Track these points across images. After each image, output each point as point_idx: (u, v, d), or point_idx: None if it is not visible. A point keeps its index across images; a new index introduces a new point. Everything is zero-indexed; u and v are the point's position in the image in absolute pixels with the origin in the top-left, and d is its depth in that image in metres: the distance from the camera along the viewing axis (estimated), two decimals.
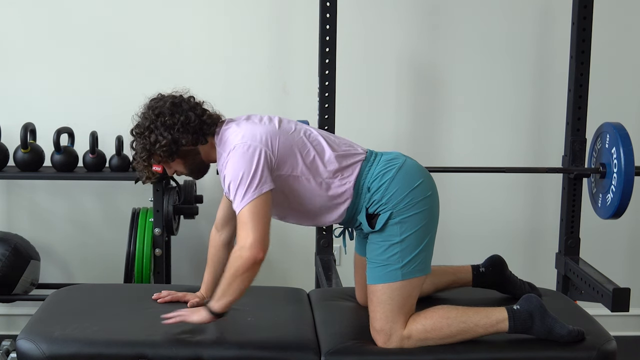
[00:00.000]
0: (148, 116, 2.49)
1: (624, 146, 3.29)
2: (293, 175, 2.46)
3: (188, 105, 2.50)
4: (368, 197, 2.47)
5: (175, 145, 2.47)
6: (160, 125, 2.46)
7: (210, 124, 2.51)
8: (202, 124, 2.49)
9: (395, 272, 2.43)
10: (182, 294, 2.70)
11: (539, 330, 2.43)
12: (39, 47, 3.90)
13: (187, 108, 2.49)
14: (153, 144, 2.46)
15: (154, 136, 2.46)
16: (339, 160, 2.49)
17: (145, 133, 2.48)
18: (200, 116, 2.50)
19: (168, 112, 2.47)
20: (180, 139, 2.46)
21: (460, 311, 2.46)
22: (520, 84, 4.06)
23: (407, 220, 2.44)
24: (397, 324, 2.42)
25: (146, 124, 2.48)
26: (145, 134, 2.48)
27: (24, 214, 4.01)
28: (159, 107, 2.49)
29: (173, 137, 2.46)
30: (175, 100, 2.51)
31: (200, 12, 3.94)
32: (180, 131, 2.46)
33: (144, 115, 2.51)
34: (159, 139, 2.45)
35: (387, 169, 2.47)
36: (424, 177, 2.50)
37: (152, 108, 2.50)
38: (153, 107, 2.50)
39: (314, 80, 3.57)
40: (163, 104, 2.49)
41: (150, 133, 2.47)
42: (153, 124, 2.47)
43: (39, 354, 2.34)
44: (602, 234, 4.09)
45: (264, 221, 2.36)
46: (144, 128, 2.48)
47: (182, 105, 2.49)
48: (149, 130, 2.47)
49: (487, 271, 2.77)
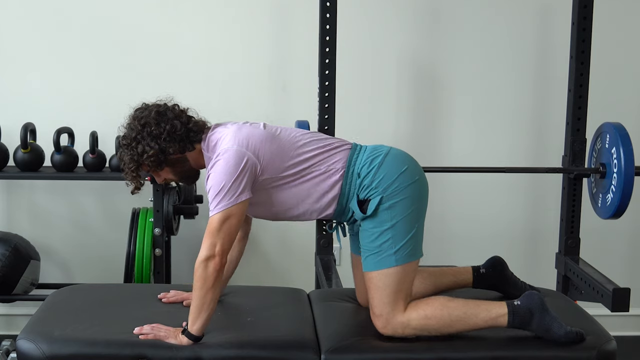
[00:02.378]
0: (134, 127, 2.50)
1: (624, 146, 3.29)
2: (280, 176, 2.48)
3: (173, 114, 2.52)
4: (358, 182, 2.50)
5: (163, 155, 2.49)
6: (146, 136, 2.48)
7: (196, 131, 2.53)
8: (188, 132, 2.51)
9: (389, 258, 2.46)
10: (188, 294, 2.69)
11: (537, 327, 2.44)
12: (39, 47, 3.90)
13: (172, 117, 2.50)
14: (141, 155, 2.48)
15: (141, 147, 2.48)
16: (325, 152, 2.53)
17: (132, 144, 2.49)
18: (186, 124, 2.51)
19: (154, 122, 2.48)
20: (167, 148, 2.48)
21: (461, 302, 2.48)
22: (520, 84, 4.06)
23: (397, 205, 2.47)
24: (395, 309, 2.45)
25: (132, 135, 2.49)
26: (132, 145, 2.49)
27: (24, 214, 4.01)
28: (144, 117, 2.50)
29: (160, 146, 2.47)
30: (160, 109, 2.52)
31: (200, 12, 3.94)
32: (167, 140, 2.47)
33: (129, 125, 2.52)
34: (146, 149, 2.47)
35: (375, 155, 2.52)
36: (409, 163, 2.55)
37: (137, 118, 2.51)
38: (138, 117, 2.51)
39: (314, 80, 3.57)
40: (148, 114, 2.50)
41: (137, 144, 2.48)
42: (140, 135, 2.48)
43: (39, 354, 2.34)
44: (602, 234, 4.08)
45: (232, 231, 2.39)
46: (130, 139, 2.49)
47: (167, 114, 2.51)
48: (135, 140, 2.48)
49: (488, 272, 2.78)
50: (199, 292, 2.37)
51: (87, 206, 4.03)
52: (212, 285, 2.36)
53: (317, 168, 2.51)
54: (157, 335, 2.40)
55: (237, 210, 2.39)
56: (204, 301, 2.37)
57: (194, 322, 2.38)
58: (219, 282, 2.39)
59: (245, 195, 2.40)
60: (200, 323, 2.38)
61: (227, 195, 2.37)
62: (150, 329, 2.42)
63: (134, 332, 2.41)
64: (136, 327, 2.42)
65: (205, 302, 2.37)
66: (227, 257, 2.42)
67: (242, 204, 2.40)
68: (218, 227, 2.37)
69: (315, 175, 2.50)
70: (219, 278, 2.37)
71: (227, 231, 2.38)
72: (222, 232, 2.37)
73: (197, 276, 2.37)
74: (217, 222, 2.37)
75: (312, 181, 2.51)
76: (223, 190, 2.37)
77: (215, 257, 2.36)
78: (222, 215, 2.37)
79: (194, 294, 2.39)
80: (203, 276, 2.36)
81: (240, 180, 2.39)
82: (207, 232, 2.38)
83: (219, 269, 2.36)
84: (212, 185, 2.40)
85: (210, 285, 2.36)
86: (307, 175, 2.50)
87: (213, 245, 2.36)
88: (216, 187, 2.38)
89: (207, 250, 2.36)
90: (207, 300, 2.37)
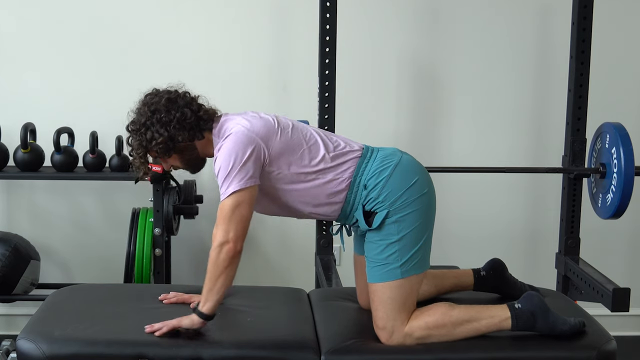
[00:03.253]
0: (144, 112, 2.47)
1: (624, 146, 3.29)
2: (285, 172, 2.45)
3: (184, 101, 2.49)
4: (364, 194, 2.46)
5: (172, 142, 2.46)
6: (156, 122, 2.45)
7: (206, 119, 2.50)
8: (198, 120, 2.48)
9: (394, 271, 2.43)
10: (189, 296, 2.69)
11: (542, 327, 2.44)
12: (39, 47, 3.90)
13: (182, 104, 2.48)
14: (149, 141, 2.45)
15: (150, 133, 2.45)
16: (334, 158, 2.48)
17: (141, 130, 2.46)
18: (197, 112, 2.48)
19: (164, 109, 2.45)
20: (176, 135, 2.45)
21: (463, 309, 2.47)
22: (520, 84, 4.06)
23: (404, 219, 2.44)
24: (398, 321, 2.43)
25: (142, 121, 2.46)
26: (141, 131, 2.46)
27: (24, 214, 4.01)
28: (155, 103, 2.47)
29: (169, 134, 2.44)
30: (171, 96, 2.49)
31: (200, 12, 3.94)
32: (177, 128, 2.45)
33: (139, 111, 2.49)
34: (155, 136, 2.44)
35: (383, 167, 2.47)
36: (419, 174, 2.50)
37: (147, 104, 2.48)
38: (149, 103, 2.48)
39: (314, 80, 3.57)
40: (159, 100, 2.47)
41: (146, 130, 2.45)
42: (149, 121, 2.45)
43: (39, 354, 2.34)
44: (602, 234, 4.08)
45: (245, 218, 2.36)
46: (139, 125, 2.47)
47: (177, 101, 2.48)
48: (145, 127, 2.46)
49: (488, 275, 2.77)
50: (210, 275, 2.37)
51: (87, 206, 4.03)
52: (223, 270, 2.35)
53: (323, 175, 2.47)
54: (169, 324, 2.39)
55: (246, 196, 2.36)
56: (215, 284, 2.36)
57: (205, 303, 2.38)
58: (231, 268, 2.36)
59: (254, 181, 2.37)
60: (210, 304, 2.38)
61: (236, 178, 2.34)
62: (161, 324, 2.41)
63: (146, 331, 2.40)
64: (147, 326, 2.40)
65: (216, 285, 2.36)
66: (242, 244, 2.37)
67: (251, 189, 2.37)
68: (230, 214, 2.34)
69: (321, 182, 2.47)
70: (231, 264, 2.35)
71: (239, 217, 2.35)
72: (234, 218, 2.34)
73: (211, 260, 2.36)
74: (229, 209, 2.34)
75: (317, 187, 2.47)
76: (232, 172, 2.34)
77: (230, 242, 2.33)
78: (233, 201, 2.34)
79: (206, 276, 2.38)
80: (216, 261, 2.35)
81: (249, 165, 2.36)
82: (220, 217, 2.36)
83: (232, 255, 2.34)
84: (220, 165, 2.36)
85: (222, 270, 2.35)
86: (314, 180, 2.47)
87: (227, 231, 2.34)
88: (225, 168, 2.35)
89: (222, 236, 2.34)
90: (218, 285, 2.36)
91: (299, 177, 2.46)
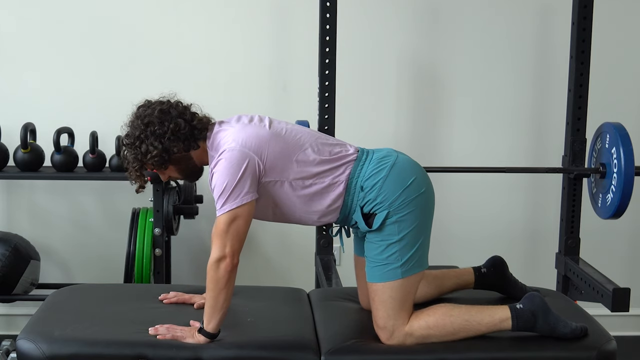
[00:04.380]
0: (137, 125, 2.45)
1: (624, 146, 3.29)
2: (282, 180, 2.44)
3: (177, 111, 2.46)
4: (362, 196, 2.46)
5: (167, 154, 2.45)
6: (150, 135, 2.43)
7: (200, 128, 2.48)
8: (192, 130, 2.46)
9: (394, 271, 2.44)
10: (189, 296, 2.69)
11: (542, 328, 2.44)
12: (39, 47, 3.90)
13: (175, 114, 2.45)
14: (144, 154, 2.44)
15: (144, 146, 2.43)
16: (329, 162, 2.47)
17: (135, 143, 2.45)
18: (190, 122, 2.47)
19: (157, 121, 2.43)
20: (171, 147, 2.44)
21: (463, 309, 2.47)
22: (520, 84, 4.06)
23: (404, 219, 2.44)
24: (398, 321, 2.44)
25: (136, 134, 2.45)
26: (136, 144, 2.45)
27: (24, 214, 4.01)
28: (148, 115, 2.45)
29: (164, 146, 2.43)
30: (164, 107, 2.47)
31: (200, 12, 3.94)
32: (171, 139, 2.43)
33: (132, 124, 2.47)
34: (150, 149, 2.43)
35: (379, 168, 2.46)
36: (416, 173, 2.50)
37: (140, 117, 2.46)
38: (142, 116, 2.46)
39: (314, 80, 3.57)
40: (151, 112, 2.45)
41: (140, 143, 2.44)
42: (143, 134, 2.44)
43: (39, 354, 2.34)
44: (602, 234, 4.08)
45: (241, 232, 2.37)
46: (134, 138, 2.45)
47: (170, 112, 2.46)
48: (139, 140, 2.44)
49: (489, 272, 2.77)
50: (211, 293, 2.37)
51: (87, 206, 4.03)
52: (224, 286, 2.36)
53: (320, 180, 2.46)
54: (174, 335, 2.40)
55: (243, 211, 2.37)
56: (217, 301, 2.37)
57: (209, 321, 2.38)
58: (231, 282, 2.37)
59: (251, 196, 2.38)
60: (215, 322, 2.38)
61: (231, 196, 2.35)
62: (166, 329, 2.41)
63: (150, 332, 2.40)
64: (151, 328, 2.41)
65: (218, 302, 2.37)
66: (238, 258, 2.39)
67: (248, 205, 2.38)
68: (226, 229, 2.35)
69: (319, 188, 2.46)
70: (231, 279, 2.36)
71: (235, 232, 2.36)
72: (230, 233, 2.35)
73: (209, 277, 2.36)
74: (224, 224, 2.35)
75: (314, 193, 2.47)
76: (227, 191, 2.35)
77: (227, 258, 2.35)
78: (229, 216, 2.35)
79: (207, 294, 2.39)
80: (215, 278, 2.36)
81: (244, 181, 2.36)
82: (216, 232, 2.37)
83: (230, 269, 2.35)
84: (215, 184, 2.37)
85: (223, 286, 2.36)
86: (311, 186, 2.46)
87: (223, 246, 2.35)
88: (219, 187, 2.36)
89: (218, 252, 2.35)
90: (221, 301, 2.37)
91: (297, 184, 2.46)
